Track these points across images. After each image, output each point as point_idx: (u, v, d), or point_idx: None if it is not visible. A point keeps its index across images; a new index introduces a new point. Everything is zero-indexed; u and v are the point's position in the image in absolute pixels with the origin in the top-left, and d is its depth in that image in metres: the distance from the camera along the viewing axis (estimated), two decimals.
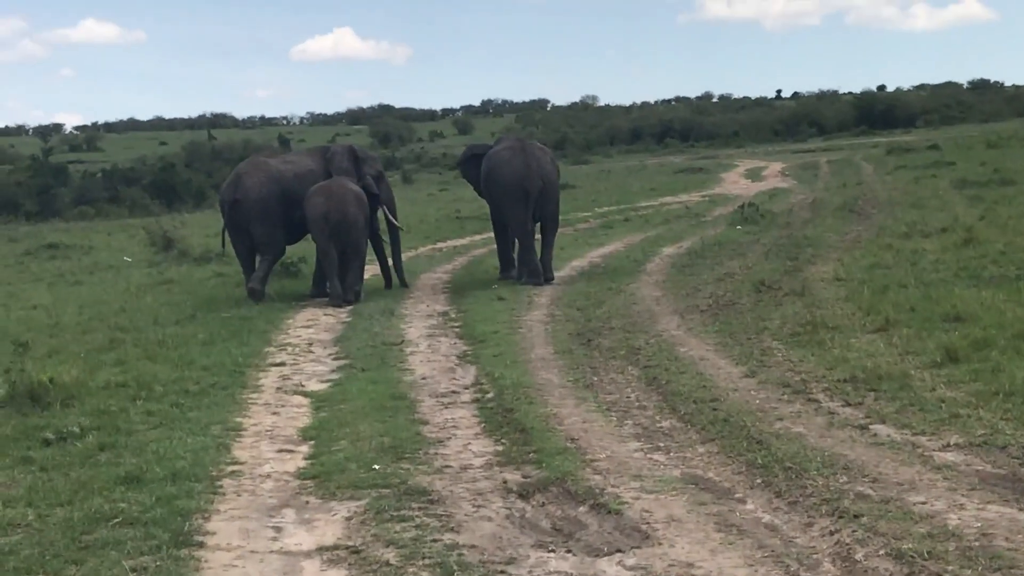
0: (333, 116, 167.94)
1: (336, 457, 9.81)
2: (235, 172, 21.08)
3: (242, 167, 21.07)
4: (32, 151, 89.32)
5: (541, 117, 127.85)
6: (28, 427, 11.13)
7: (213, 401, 12.15)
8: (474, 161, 22.52)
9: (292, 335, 16.40)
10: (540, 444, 9.90)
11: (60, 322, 18.31)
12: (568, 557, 7.40)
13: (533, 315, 16.89)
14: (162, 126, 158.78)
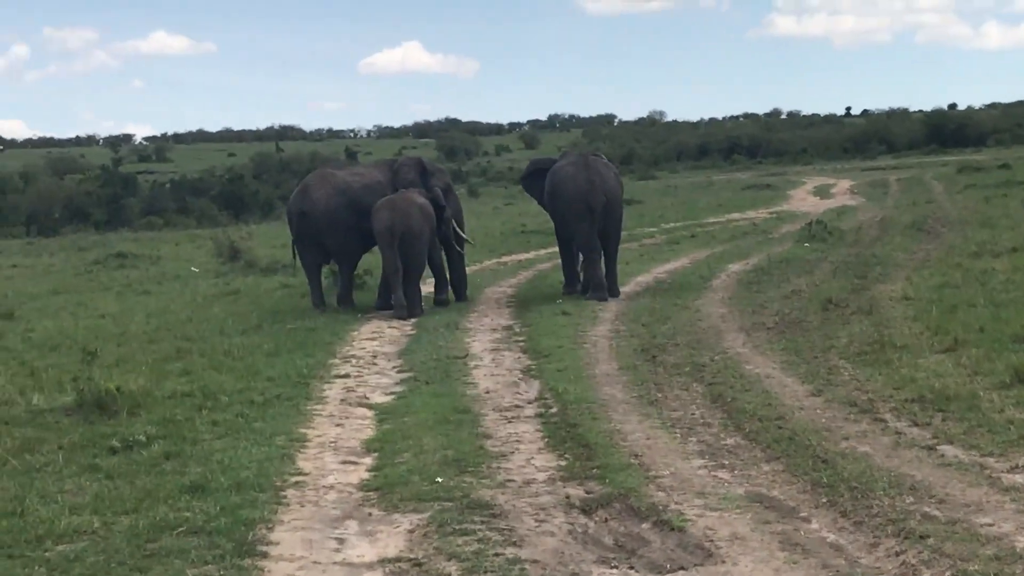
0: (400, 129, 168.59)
1: (399, 469, 9.82)
2: (302, 184, 21.19)
3: (309, 179, 21.17)
4: (102, 161, 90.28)
5: (608, 132, 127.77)
6: (95, 435, 11.21)
7: (278, 412, 12.19)
8: (538, 175, 22.51)
9: (357, 347, 16.44)
10: (603, 460, 9.87)
11: (127, 331, 18.44)
12: (630, 574, 7.37)
13: (598, 330, 16.85)
14: (231, 138, 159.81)
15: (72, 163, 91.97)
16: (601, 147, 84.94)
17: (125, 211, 53.65)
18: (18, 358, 16.22)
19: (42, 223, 50.47)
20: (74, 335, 18.28)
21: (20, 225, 49.60)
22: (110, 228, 49.73)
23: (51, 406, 12.51)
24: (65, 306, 22.86)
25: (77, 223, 50.55)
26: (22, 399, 13.04)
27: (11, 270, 32.73)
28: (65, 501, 9.08)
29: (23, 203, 53.30)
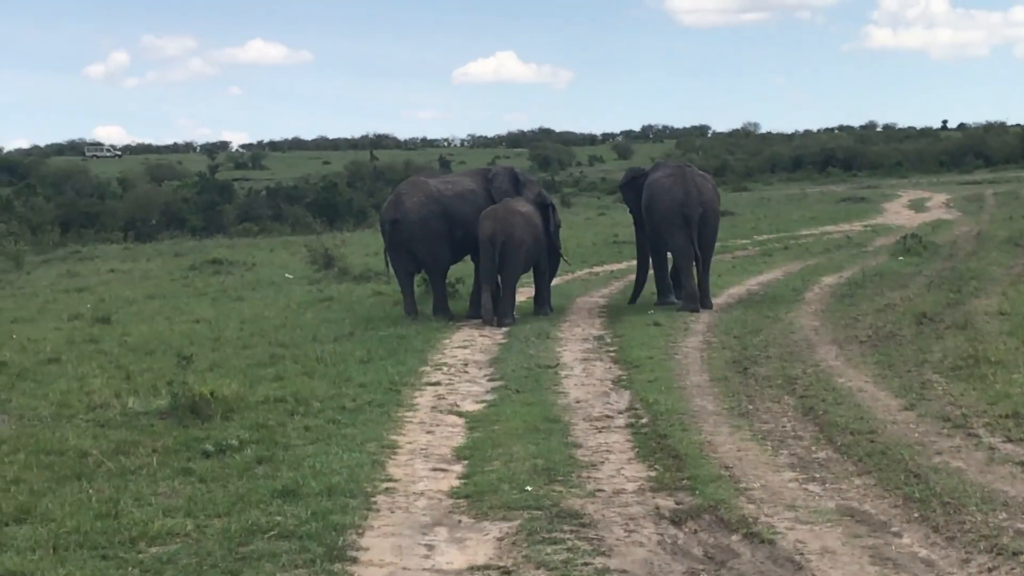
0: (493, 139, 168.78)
1: (489, 477, 9.85)
2: (395, 192, 21.28)
3: (402, 187, 21.25)
4: (199, 168, 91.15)
5: (701, 143, 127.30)
6: (189, 439, 11.33)
7: (369, 418, 12.26)
8: (634, 184, 22.49)
9: (448, 355, 16.49)
10: (694, 471, 9.85)
11: (222, 336, 18.60)
12: None
13: (689, 341, 16.81)
14: (326, 145, 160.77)
15: (169, 170, 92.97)
16: (695, 158, 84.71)
17: (221, 218, 54.14)
18: (114, 361, 16.41)
19: (140, 229, 51.00)
20: (169, 340, 18.47)
21: (118, 230, 50.13)
22: (206, 234, 50.18)
23: (146, 409, 12.66)
24: (161, 311, 23.10)
25: (174, 229, 51.04)
26: (118, 402, 13.20)
27: (109, 275, 33.10)
28: (159, 504, 9.19)
29: (121, 209, 53.93)
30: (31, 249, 41.00)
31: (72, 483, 9.95)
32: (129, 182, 70.87)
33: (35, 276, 33.98)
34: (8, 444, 11.37)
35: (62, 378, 15.11)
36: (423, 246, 20.33)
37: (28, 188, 60.95)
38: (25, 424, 12.41)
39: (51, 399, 13.68)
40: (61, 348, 17.82)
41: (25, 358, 16.91)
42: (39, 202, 53.46)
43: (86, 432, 11.85)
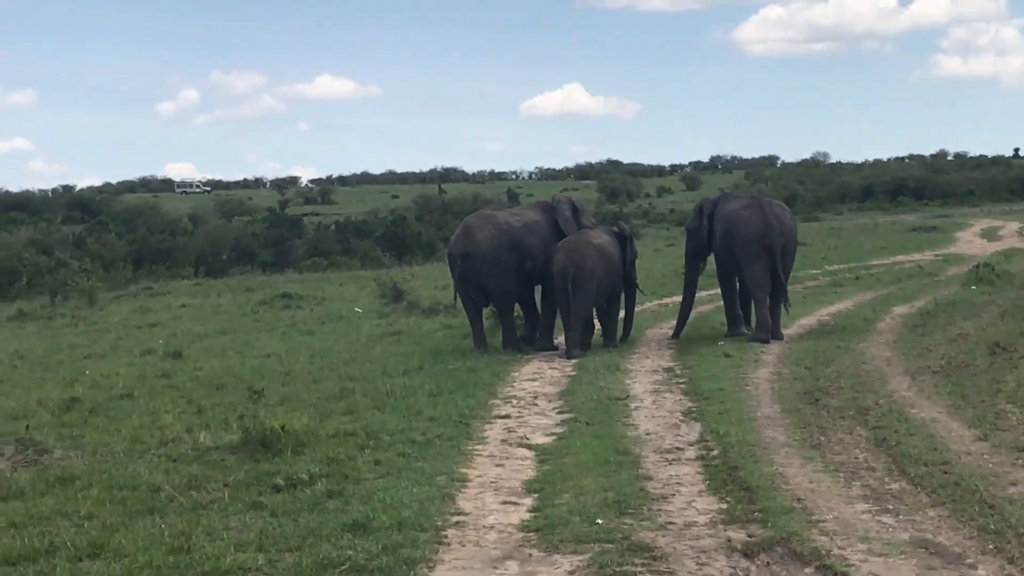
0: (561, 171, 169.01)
1: (560, 510, 9.83)
2: (464, 225, 21.26)
3: (471, 220, 21.26)
4: (269, 203, 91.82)
5: (771, 174, 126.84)
6: (260, 473, 11.38)
7: (439, 451, 12.26)
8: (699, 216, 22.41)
9: (517, 388, 16.49)
10: (765, 503, 9.79)
11: (292, 371, 18.69)
12: None
13: (760, 373, 16.73)
14: (394, 179, 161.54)
15: (240, 205, 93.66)
16: (764, 189, 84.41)
17: (291, 252, 54.47)
18: (186, 396, 16.52)
19: (210, 264, 51.40)
20: (240, 374, 18.58)
21: (189, 266, 50.54)
22: (276, 269, 50.46)
23: (217, 444, 12.73)
24: (232, 345, 23.24)
25: (244, 264, 51.41)
26: (189, 437, 13.28)
27: (180, 310, 33.35)
28: (231, 538, 9.22)
29: (192, 244, 54.41)
30: (104, 285, 41.36)
31: (145, 518, 10.01)
32: (200, 218, 71.49)
33: (108, 312, 34.28)
34: (82, 479, 11.46)
35: (135, 413, 15.23)
36: (493, 279, 20.36)
37: (100, 225, 61.48)
38: (98, 459, 12.50)
39: (124, 434, 13.79)
40: (133, 383, 17.97)
41: (98, 394, 17.06)
42: (111, 239, 53.97)
43: (158, 467, 11.93)
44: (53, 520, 10.08)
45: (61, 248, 48.19)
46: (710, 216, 22.05)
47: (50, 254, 45.58)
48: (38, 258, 44.62)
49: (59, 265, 43.26)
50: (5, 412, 15.79)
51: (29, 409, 15.94)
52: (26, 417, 15.25)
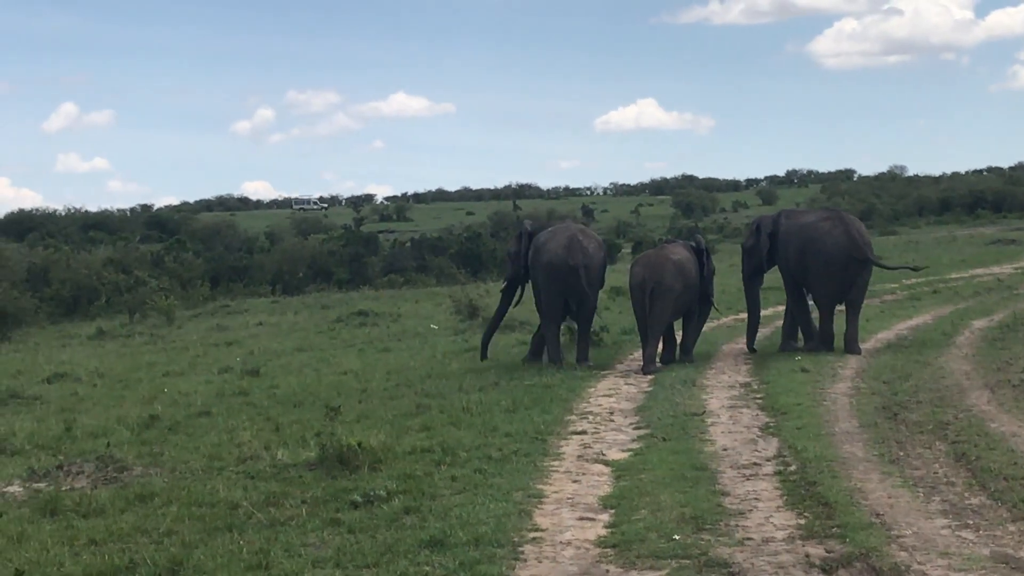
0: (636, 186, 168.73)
1: (636, 526, 9.80)
2: (567, 237, 20.88)
3: (572, 231, 20.98)
4: (345, 221, 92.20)
5: (847, 187, 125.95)
6: (337, 489, 11.42)
7: (515, 468, 12.26)
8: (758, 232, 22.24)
9: (593, 404, 16.46)
10: (844, 518, 9.72)
11: (369, 388, 18.76)
12: None
13: (837, 387, 16.63)
14: (469, 196, 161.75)
15: (316, 223, 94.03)
16: (840, 202, 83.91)
17: (366, 270, 54.61)
18: (263, 413, 16.62)
19: (287, 282, 51.63)
20: (317, 391, 18.67)
21: (266, 284, 50.83)
22: (352, 286, 50.64)
23: (295, 461, 12.79)
24: (309, 363, 23.37)
25: (320, 282, 51.60)
26: (267, 454, 13.36)
27: (257, 328, 33.58)
28: (308, 555, 9.27)
29: (269, 262, 54.68)
30: (181, 304, 41.72)
31: (223, 535, 10.08)
32: (276, 236, 71.87)
33: (186, 330, 34.59)
34: (161, 496, 11.56)
35: (213, 431, 15.35)
36: (595, 292, 20.49)
37: (178, 244, 62.01)
38: (177, 476, 12.61)
39: (202, 451, 13.90)
40: (211, 401, 18.11)
41: (177, 411, 17.20)
42: (189, 257, 54.35)
43: (236, 484, 12.01)
44: (133, 537, 10.18)
45: (139, 267, 48.61)
46: (771, 233, 21.92)
47: (129, 273, 46.01)
48: (117, 277, 45.05)
49: (138, 284, 43.68)
50: (86, 430, 15.96)
51: (109, 427, 16.10)
52: (106, 435, 15.41)
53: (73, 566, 9.35)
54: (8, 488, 12.52)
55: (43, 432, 15.97)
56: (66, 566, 9.38)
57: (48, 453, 14.46)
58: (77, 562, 9.47)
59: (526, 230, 21.72)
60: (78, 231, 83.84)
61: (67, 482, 12.53)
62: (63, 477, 12.73)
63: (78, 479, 12.67)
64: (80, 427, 16.17)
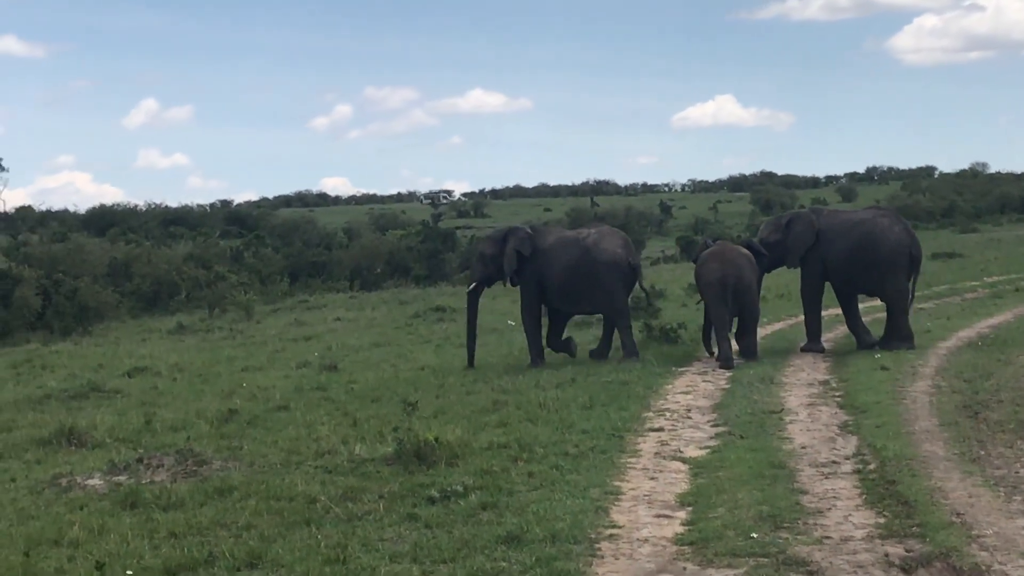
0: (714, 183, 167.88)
1: (714, 524, 9.77)
2: (621, 238, 21.42)
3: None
4: (422, 217, 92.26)
5: (928, 184, 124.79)
6: (414, 484, 11.46)
7: (592, 464, 12.25)
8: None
9: (671, 401, 16.41)
10: (924, 517, 9.64)
11: (446, 383, 18.79)
12: None
13: (917, 386, 16.48)
14: (546, 192, 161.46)
15: (393, 219, 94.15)
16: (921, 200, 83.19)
17: (444, 266, 54.69)
18: (341, 408, 16.69)
19: (365, 277, 51.82)
20: (395, 387, 18.73)
21: (344, 280, 51.03)
22: (429, 282, 50.73)
23: (372, 456, 12.85)
24: (386, 358, 23.45)
25: (398, 278, 51.74)
26: (345, 448, 13.43)
27: (335, 323, 33.72)
28: (386, 549, 9.30)
29: (347, 258, 54.89)
30: (260, 299, 42.00)
31: (301, 529, 10.14)
32: (354, 232, 72.11)
33: (264, 325, 34.80)
34: (240, 490, 11.64)
35: (291, 425, 15.44)
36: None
37: (257, 239, 62.37)
38: (256, 470, 12.69)
39: (281, 446, 13.99)
40: (290, 396, 18.22)
41: (255, 406, 17.32)
42: (268, 253, 54.70)
43: (314, 478, 12.07)
44: (212, 530, 10.26)
45: (219, 262, 48.99)
46: (801, 232, 21.66)
47: (208, 268, 46.37)
48: (197, 272, 45.42)
49: (217, 279, 44.01)
50: (165, 424, 16.10)
51: (188, 421, 16.25)
52: (186, 428, 15.55)
53: (153, 559, 9.44)
54: (89, 481, 12.67)
55: (124, 426, 16.13)
56: (146, 559, 9.46)
57: (128, 446, 14.61)
58: (157, 555, 9.56)
59: (527, 233, 21.76)
60: (159, 226, 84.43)
61: (147, 475, 12.66)
62: (143, 470, 12.86)
63: (158, 472, 12.79)
64: (160, 421, 16.32)
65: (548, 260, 21.27)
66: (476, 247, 22.88)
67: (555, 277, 21.25)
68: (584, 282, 21.08)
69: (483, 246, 22.30)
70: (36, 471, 13.69)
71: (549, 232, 22.37)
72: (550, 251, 21.36)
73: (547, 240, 21.64)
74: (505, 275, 21.72)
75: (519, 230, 21.97)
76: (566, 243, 21.45)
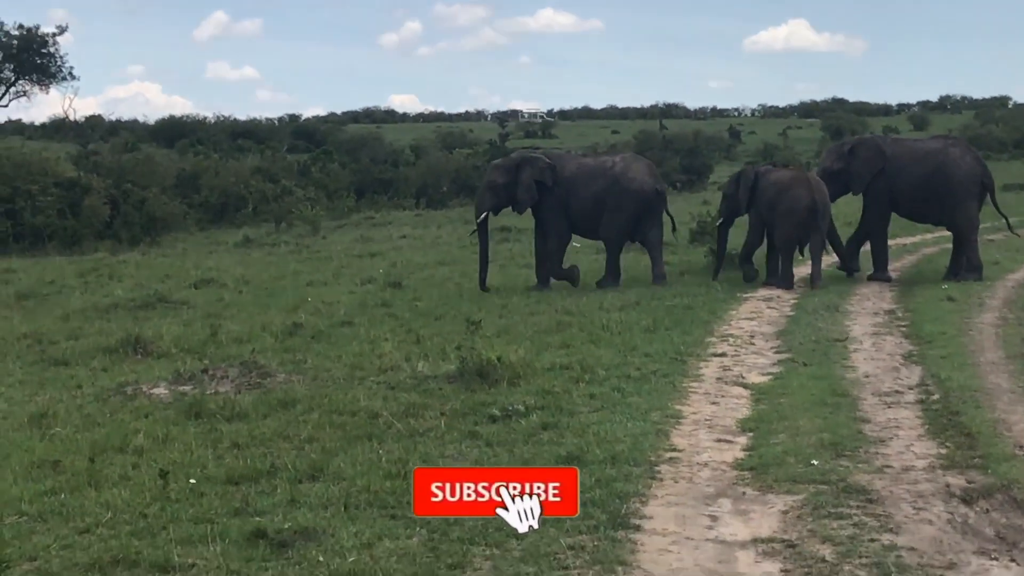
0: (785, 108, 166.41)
1: (774, 450, 9.76)
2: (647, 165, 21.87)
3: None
4: (490, 136, 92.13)
5: (1001, 115, 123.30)
6: (476, 403, 11.50)
7: (653, 388, 12.25)
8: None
9: (734, 326, 16.37)
10: (986, 449, 9.59)
11: (509, 303, 18.82)
12: (1012, 567, 7.17)
13: (984, 317, 16.36)
14: (615, 115, 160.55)
15: (461, 138, 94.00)
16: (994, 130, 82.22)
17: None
18: (405, 325, 16.76)
19: (431, 195, 51.86)
20: (458, 305, 18.78)
21: (410, 197, 51.07)
22: None
23: (435, 373, 12.90)
24: (450, 277, 23.49)
25: (464, 196, 51.69)
26: (407, 365, 13.49)
27: (401, 240, 33.80)
28: (446, 465, 9.33)
29: (414, 175, 54.92)
30: (327, 214, 42.12)
31: (363, 443, 10.20)
32: (422, 149, 72.06)
33: (330, 241, 34.93)
34: (303, 403, 11.72)
35: (355, 341, 15.51)
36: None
37: (325, 155, 62.50)
38: (319, 384, 12.77)
39: (344, 361, 14.07)
40: (354, 311, 18.30)
41: (320, 320, 17.41)
42: (335, 169, 54.74)
43: (377, 394, 12.14)
44: (274, 442, 10.34)
45: (286, 176, 49.08)
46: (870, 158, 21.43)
47: (276, 182, 46.49)
48: (264, 186, 45.55)
49: (284, 193, 44.15)
50: (230, 336, 16.22)
51: (254, 333, 16.36)
52: (250, 341, 15.66)
53: (216, 468, 9.53)
54: (154, 390, 12.79)
55: (189, 336, 16.26)
56: (209, 468, 9.55)
57: (194, 357, 14.72)
58: (220, 464, 9.65)
59: (547, 162, 21.74)
60: (227, 139, 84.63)
61: (211, 386, 12.76)
62: (208, 381, 12.97)
63: (222, 383, 12.90)
64: (225, 333, 16.43)
65: (572, 188, 21.30)
66: (486, 176, 22.74)
67: (577, 206, 21.29)
68: (614, 209, 21.13)
69: (494, 175, 22.07)
70: (102, 379, 13.83)
71: (568, 160, 22.35)
72: (574, 179, 21.39)
73: (568, 168, 21.64)
74: (521, 204, 21.68)
75: (537, 159, 21.88)
76: (592, 171, 21.50)
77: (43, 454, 10.21)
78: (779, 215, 20.40)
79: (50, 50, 56.24)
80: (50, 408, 12.03)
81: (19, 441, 10.83)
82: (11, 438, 11.01)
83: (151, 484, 9.05)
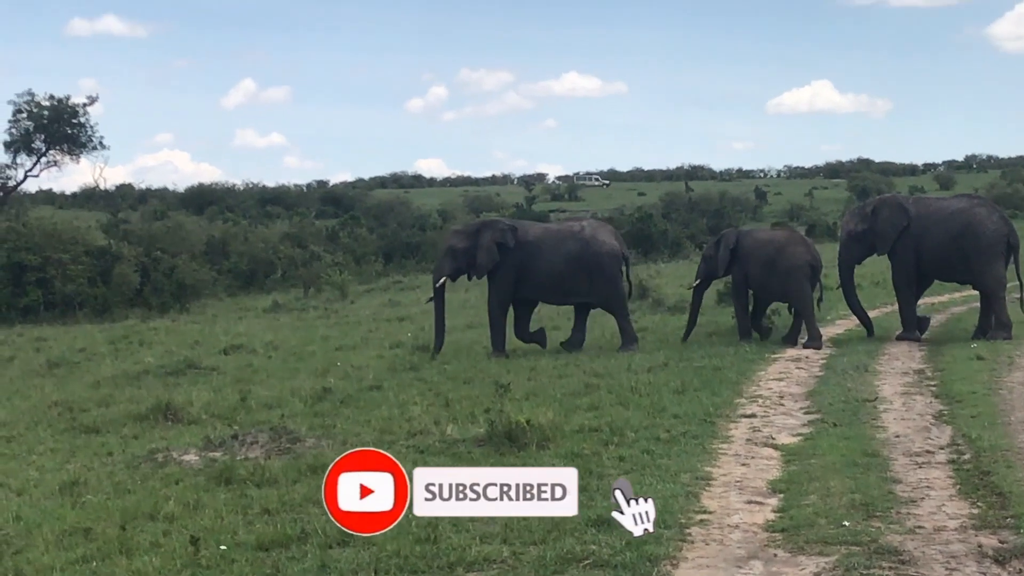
0: (810, 169, 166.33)
1: (805, 511, 9.72)
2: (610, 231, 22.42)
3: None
4: (516, 200, 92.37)
5: None
6: (506, 466, 11.46)
7: (683, 449, 12.23)
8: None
9: (763, 387, 16.35)
10: (1018, 509, 9.54)
11: (537, 366, 18.82)
12: None
13: (1014, 376, 16.31)
14: (640, 177, 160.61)
15: (488, 201, 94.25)
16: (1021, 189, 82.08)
17: None
18: (434, 389, 16.77)
19: None
20: (487, 368, 18.80)
21: None
22: None
23: (464, 436, 12.90)
24: (479, 340, 23.49)
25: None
26: (437, 429, 13.50)
27: (429, 304, 33.70)
28: (476, 530, 9.33)
29: (441, 239, 55.11)
30: (355, 279, 42.27)
31: None
32: (449, 214, 72.35)
33: (359, 305, 35.04)
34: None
35: (384, 404, 15.53)
36: None
37: (353, 220, 62.79)
38: (349, 448, 12.75)
39: (373, 425, 14.09)
40: (383, 375, 18.34)
41: (349, 385, 17.44)
42: (363, 233, 54.99)
43: (407, 458, 12.10)
44: (304, 507, 10.34)
45: (315, 242, 49.34)
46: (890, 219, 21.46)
47: (304, 247, 46.73)
48: (293, 251, 45.79)
49: (313, 258, 44.35)
50: (260, 401, 16.26)
51: (283, 398, 16.40)
52: (280, 406, 15.69)
53: (246, 534, 9.54)
54: (185, 456, 12.83)
55: (219, 402, 16.31)
56: (240, 534, 9.56)
57: (224, 423, 14.77)
58: (250, 530, 9.66)
59: (508, 225, 22.07)
60: (256, 206, 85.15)
61: (242, 452, 12.79)
62: (238, 447, 13.00)
63: (252, 449, 12.92)
64: (255, 398, 16.48)
65: (537, 252, 21.43)
66: (445, 241, 22.98)
67: (545, 269, 21.43)
68: (583, 273, 21.38)
69: (453, 240, 22.27)
70: (133, 446, 13.88)
71: (529, 224, 22.89)
72: (538, 243, 21.53)
73: (531, 232, 21.89)
74: (480, 268, 21.79)
75: (497, 222, 22.31)
76: (560, 236, 21.77)
77: (74, 522, 10.25)
78: (781, 273, 20.91)
79: (80, 120, 56.73)
80: (81, 476, 12.09)
81: (50, 509, 10.88)
82: (43, 506, 11.06)
83: (182, 551, 9.06)
